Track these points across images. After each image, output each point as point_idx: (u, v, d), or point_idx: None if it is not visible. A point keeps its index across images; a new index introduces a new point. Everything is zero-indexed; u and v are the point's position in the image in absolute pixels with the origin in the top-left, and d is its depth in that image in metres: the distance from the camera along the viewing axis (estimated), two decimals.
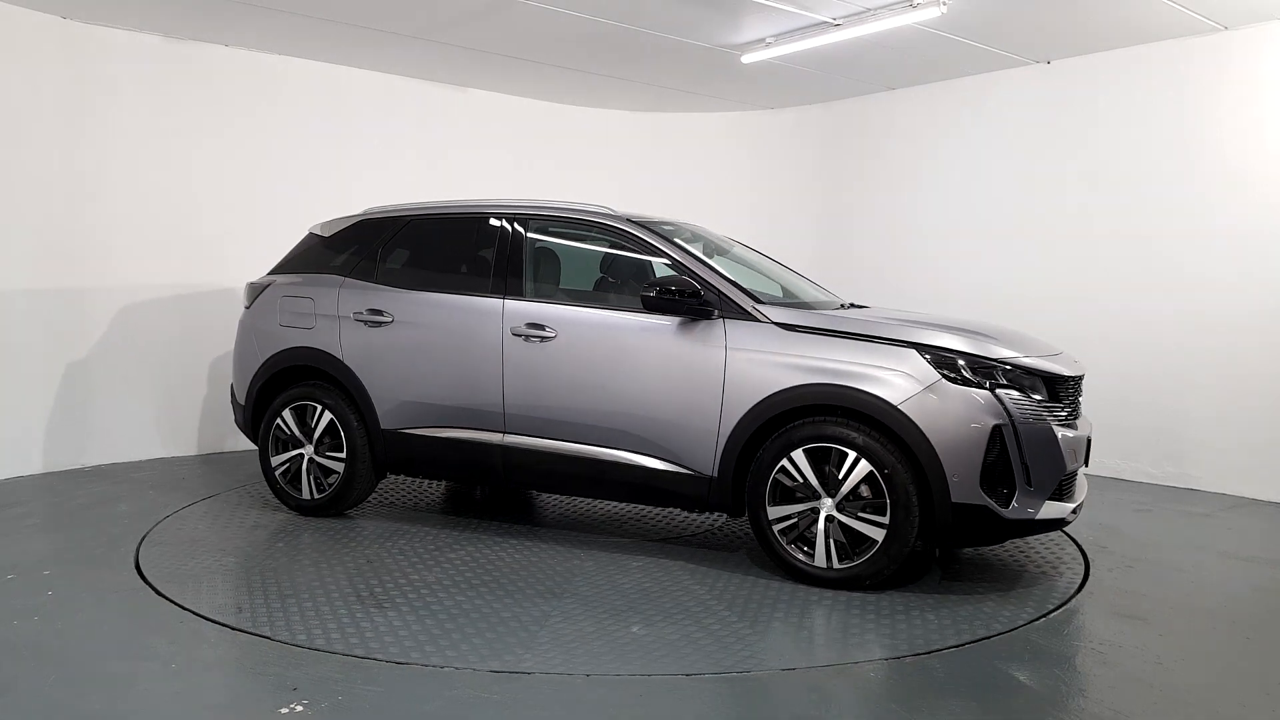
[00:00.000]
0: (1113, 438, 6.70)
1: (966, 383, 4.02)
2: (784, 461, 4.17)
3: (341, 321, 5.14)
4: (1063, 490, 4.16)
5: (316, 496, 5.22)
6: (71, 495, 5.72)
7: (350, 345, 5.10)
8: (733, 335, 4.33)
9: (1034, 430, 4.01)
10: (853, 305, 4.92)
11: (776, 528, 4.23)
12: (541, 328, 4.68)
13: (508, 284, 4.85)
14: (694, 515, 5.47)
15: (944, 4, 5.61)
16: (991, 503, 3.96)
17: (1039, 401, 4.09)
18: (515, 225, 4.96)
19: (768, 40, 6.54)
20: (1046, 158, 7.06)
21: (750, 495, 4.28)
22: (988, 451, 3.95)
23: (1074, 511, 4.18)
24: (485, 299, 4.85)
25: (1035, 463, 4.01)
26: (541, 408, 4.68)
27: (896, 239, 8.05)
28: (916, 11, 5.75)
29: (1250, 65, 6.03)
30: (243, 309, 5.63)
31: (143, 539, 4.79)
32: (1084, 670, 3.35)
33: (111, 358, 6.63)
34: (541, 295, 4.83)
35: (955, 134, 7.63)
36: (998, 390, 4.01)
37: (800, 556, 4.20)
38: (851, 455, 4.06)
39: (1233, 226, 6.13)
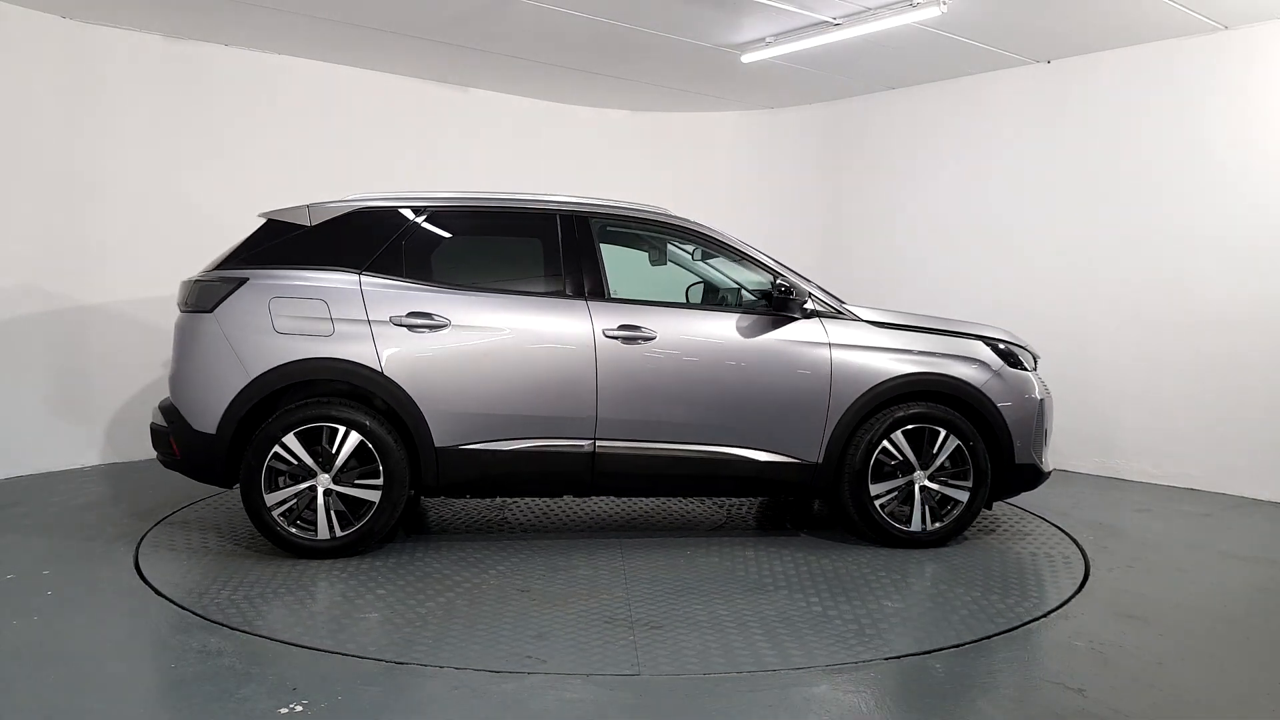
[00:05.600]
0: (1113, 437, 6.71)
1: (1015, 366, 4.93)
2: (884, 443, 4.73)
3: (376, 327, 4.46)
4: None
5: (340, 534, 4.43)
6: (71, 495, 5.72)
7: (393, 355, 4.44)
8: (833, 332, 4.77)
9: (1050, 402, 5.04)
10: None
11: (878, 503, 4.76)
12: (638, 329, 4.60)
13: (586, 284, 4.67)
14: (694, 502, 5.72)
15: (944, 4, 5.61)
16: (1039, 460, 4.92)
17: None
18: (580, 223, 4.77)
19: (768, 40, 6.54)
20: (1046, 157, 7.05)
21: (850, 476, 4.73)
22: (1037, 420, 4.88)
23: None
24: (565, 300, 4.63)
25: (1050, 427, 5.04)
26: (645, 410, 4.60)
27: (896, 238, 8.05)
28: (916, 11, 5.74)
29: (1250, 64, 6.03)
30: (182, 313, 4.64)
31: (142, 539, 4.79)
32: (1084, 670, 3.35)
33: (111, 357, 6.63)
34: (622, 296, 4.75)
35: (955, 133, 7.63)
36: (1035, 372, 5.01)
37: (899, 525, 4.78)
38: (943, 433, 4.74)
39: (1232, 226, 6.12)
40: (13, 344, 6.20)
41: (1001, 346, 4.94)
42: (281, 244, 4.65)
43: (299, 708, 2.94)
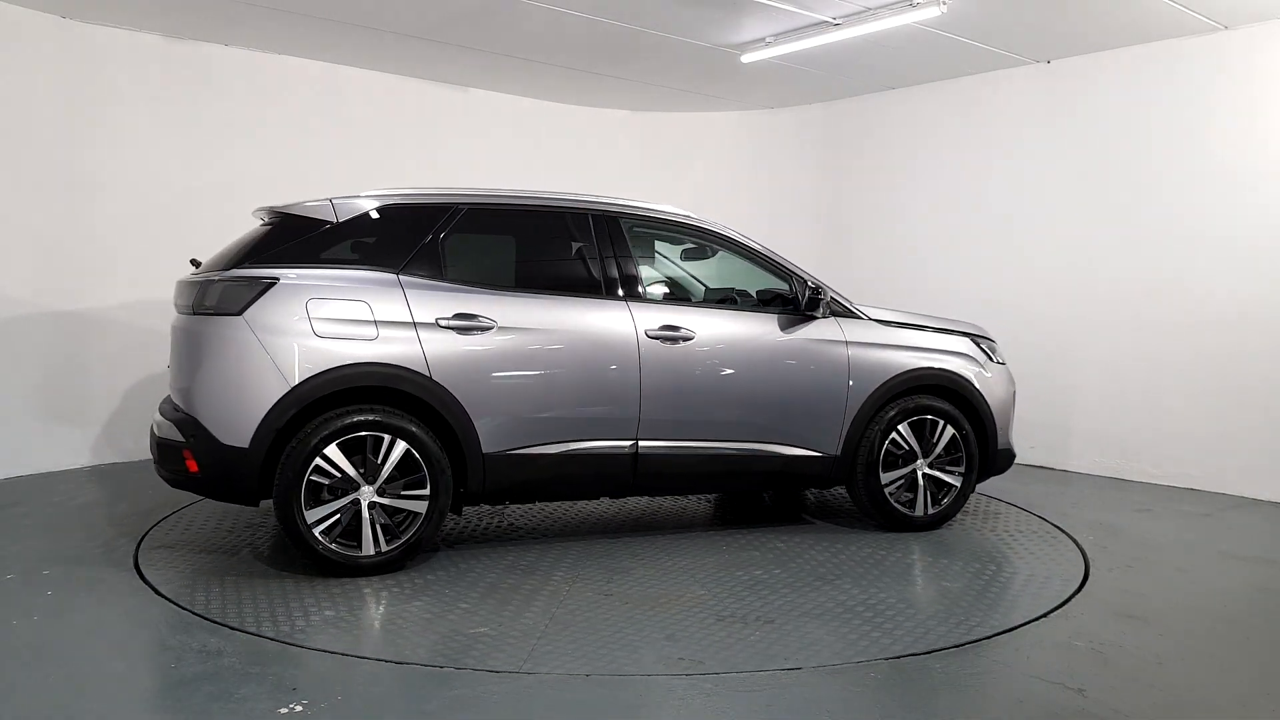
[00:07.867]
0: (1113, 437, 6.71)
1: (993, 360, 5.36)
2: (892, 434, 5.01)
3: (421, 329, 4.25)
4: None
5: (385, 549, 4.19)
6: (71, 495, 5.72)
7: (440, 358, 4.25)
8: (848, 330, 5.02)
9: (1015, 391, 5.50)
10: None
11: (888, 489, 5.04)
12: (677, 329, 4.66)
13: (624, 284, 4.67)
14: (699, 498, 5.69)
15: (944, 4, 5.61)
16: (1012, 445, 5.40)
17: None
18: (613, 224, 4.75)
19: (767, 40, 6.54)
20: (1046, 157, 7.05)
21: (864, 466, 5.00)
22: (1011, 409, 5.36)
23: None
24: (607, 300, 4.61)
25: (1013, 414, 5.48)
26: (685, 410, 4.69)
27: (895, 238, 8.05)
28: (916, 11, 5.74)
29: (1249, 64, 6.03)
30: (194, 315, 4.27)
31: (142, 539, 4.79)
32: (1084, 670, 3.35)
33: (111, 357, 6.63)
34: (655, 296, 4.88)
35: (955, 134, 7.63)
36: (1004, 365, 5.44)
37: (906, 510, 5.09)
38: (941, 423, 5.09)
39: (1232, 226, 6.12)
40: (12, 344, 6.20)
41: (985, 342, 5.38)
42: (304, 241, 4.32)
43: (299, 708, 2.94)
